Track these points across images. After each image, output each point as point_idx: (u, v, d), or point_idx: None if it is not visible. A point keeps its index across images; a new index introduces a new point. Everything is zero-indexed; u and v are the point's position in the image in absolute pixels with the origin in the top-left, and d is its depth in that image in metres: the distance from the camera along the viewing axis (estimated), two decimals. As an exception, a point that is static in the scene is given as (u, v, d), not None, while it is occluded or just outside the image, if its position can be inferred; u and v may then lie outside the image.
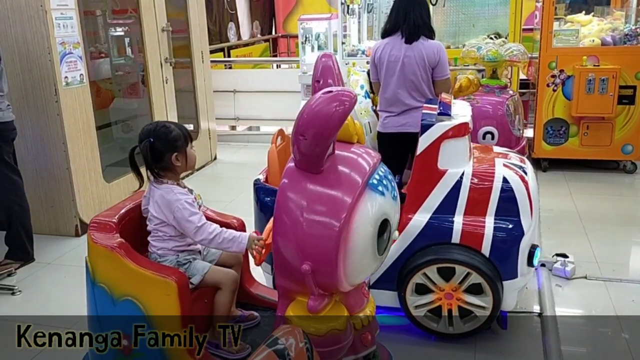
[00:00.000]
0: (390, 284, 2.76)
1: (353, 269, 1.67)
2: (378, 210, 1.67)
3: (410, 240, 2.68)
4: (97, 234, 2.05)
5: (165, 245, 2.14)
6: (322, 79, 1.92)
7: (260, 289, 2.41)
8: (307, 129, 1.56)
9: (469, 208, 2.65)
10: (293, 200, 1.66)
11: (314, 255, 1.63)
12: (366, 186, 1.66)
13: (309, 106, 1.57)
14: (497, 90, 4.68)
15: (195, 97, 6.07)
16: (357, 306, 1.87)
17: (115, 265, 1.97)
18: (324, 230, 1.61)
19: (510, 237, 2.61)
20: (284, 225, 1.67)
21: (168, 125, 2.13)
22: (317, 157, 1.62)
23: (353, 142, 1.83)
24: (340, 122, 1.55)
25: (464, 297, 2.66)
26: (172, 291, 1.89)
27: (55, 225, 4.30)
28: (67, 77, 4.06)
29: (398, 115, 3.53)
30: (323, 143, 1.58)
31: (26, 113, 4.09)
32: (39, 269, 3.80)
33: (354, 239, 1.62)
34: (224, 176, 6.01)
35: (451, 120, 2.66)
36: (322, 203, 1.63)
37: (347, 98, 1.55)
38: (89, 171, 4.33)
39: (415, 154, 2.76)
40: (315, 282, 1.66)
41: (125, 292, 1.96)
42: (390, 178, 1.78)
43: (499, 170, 2.70)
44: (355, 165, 1.72)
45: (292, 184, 1.68)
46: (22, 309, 3.29)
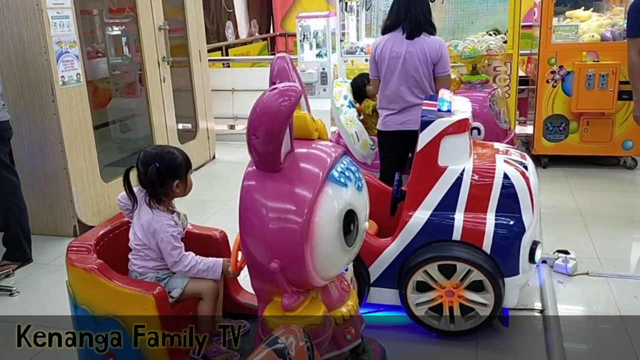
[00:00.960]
0: (391, 282, 2.74)
1: (322, 263, 1.67)
2: (342, 202, 1.66)
3: (411, 238, 2.66)
4: (75, 256, 2.08)
5: (146, 264, 2.17)
6: (279, 80, 1.91)
7: (247, 297, 2.42)
8: (258, 127, 1.57)
9: (469, 205, 2.63)
10: (256, 200, 1.66)
11: (282, 252, 1.63)
12: (327, 179, 1.66)
13: (257, 105, 1.58)
14: (479, 86, 4.66)
15: (193, 96, 6.04)
16: (337, 301, 1.86)
17: (94, 285, 1.99)
18: (288, 227, 1.61)
19: (512, 233, 2.59)
20: (250, 225, 1.67)
21: (173, 152, 2.15)
22: (272, 155, 1.62)
23: (313, 138, 1.83)
24: (287, 116, 1.56)
25: (465, 295, 2.64)
26: (150, 305, 1.91)
27: (54, 225, 4.27)
28: (64, 77, 4.03)
29: (399, 113, 3.50)
30: (274, 139, 1.58)
31: (23, 113, 4.06)
32: (37, 269, 3.77)
33: (318, 233, 1.62)
34: (223, 175, 5.98)
35: (451, 116, 2.64)
36: (283, 200, 1.64)
37: (293, 92, 1.56)
38: (87, 171, 4.31)
39: (414, 151, 2.74)
40: (286, 279, 1.66)
41: (106, 311, 1.99)
42: (354, 169, 1.78)
43: (499, 167, 2.68)
44: (314, 159, 1.71)
45: (254, 184, 1.68)
46: (21, 310, 3.26)
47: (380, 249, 2.72)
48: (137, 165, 2.13)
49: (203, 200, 5.04)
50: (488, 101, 4.31)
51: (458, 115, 2.65)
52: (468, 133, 2.70)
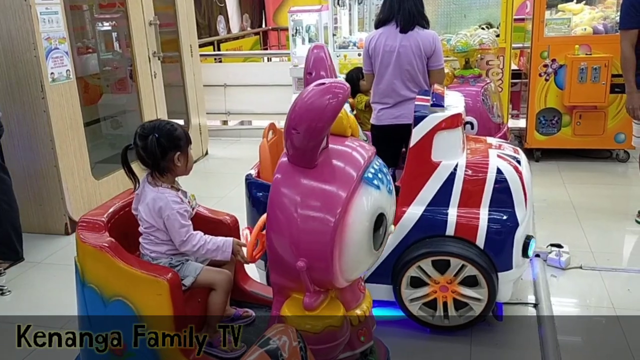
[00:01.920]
0: (384, 278, 2.74)
1: (349, 264, 1.64)
2: (374, 204, 1.63)
3: (405, 234, 2.65)
4: (86, 233, 2.00)
5: (158, 249, 2.10)
6: (314, 70, 1.88)
7: (255, 286, 2.37)
8: (300, 122, 1.52)
9: (463, 200, 2.62)
10: (287, 196, 1.62)
11: (309, 251, 1.59)
12: (361, 180, 1.62)
13: (301, 99, 1.53)
14: (472, 80, 4.65)
15: (185, 92, 6.01)
16: (353, 302, 1.83)
17: (105, 265, 1.92)
18: (319, 226, 1.57)
19: (505, 228, 2.59)
20: (277, 222, 1.63)
21: (172, 123, 2.08)
22: (311, 151, 1.58)
23: (347, 135, 1.78)
24: (334, 115, 1.51)
25: (459, 290, 2.64)
26: (164, 291, 1.85)
27: (45, 223, 4.24)
28: (54, 73, 3.99)
29: (392, 107, 3.49)
30: (316, 137, 1.54)
31: (12, 110, 4.01)
32: (28, 268, 3.74)
33: (349, 234, 1.59)
34: (216, 171, 5.96)
35: (444, 111, 2.62)
36: (316, 198, 1.59)
37: (341, 90, 1.50)
38: (78, 168, 4.27)
39: (407, 145, 2.73)
40: (310, 278, 1.63)
41: (115, 292, 1.91)
42: (386, 171, 1.74)
43: (492, 162, 2.68)
44: (349, 158, 1.67)
45: (285, 179, 1.64)
46: (13, 309, 3.23)
47: (374, 244, 2.71)
48: (135, 140, 2.04)
49: (197, 197, 5.00)
50: (481, 95, 4.31)
51: (451, 110, 2.64)
52: (461, 128, 2.69)
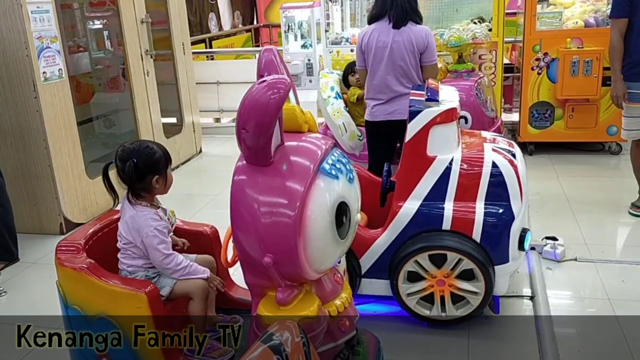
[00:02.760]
0: (382, 273, 2.75)
1: (315, 256, 1.66)
2: (333, 194, 1.66)
3: (401, 229, 2.66)
4: (64, 256, 2.05)
5: (134, 262, 2.13)
6: (266, 73, 1.90)
7: (240, 292, 2.40)
8: (248, 121, 1.55)
9: (459, 194, 2.63)
10: (248, 194, 1.65)
11: (274, 246, 1.62)
12: (318, 172, 1.65)
13: (245, 99, 1.56)
14: (465, 74, 4.66)
15: (178, 90, 5.98)
16: (330, 294, 1.85)
17: (84, 285, 1.97)
18: (281, 221, 1.60)
19: (501, 221, 2.60)
20: (242, 220, 1.66)
21: (151, 147, 2.10)
22: (263, 149, 1.61)
23: (303, 131, 1.81)
24: (277, 109, 1.54)
25: (456, 283, 2.65)
26: (143, 304, 1.89)
27: (39, 223, 4.22)
28: (46, 72, 3.96)
29: (386, 103, 3.50)
30: (265, 133, 1.57)
31: (5, 110, 3.99)
32: (24, 268, 3.72)
33: (311, 226, 1.62)
34: (210, 169, 5.95)
35: (439, 105, 2.63)
36: (275, 194, 1.62)
37: (282, 85, 1.54)
38: (72, 168, 4.25)
39: (403, 141, 2.74)
40: (280, 273, 1.65)
41: (98, 310, 1.96)
42: (345, 161, 1.77)
43: (488, 155, 2.69)
44: (305, 152, 1.70)
45: (244, 179, 1.67)
46: (10, 310, 3.22)
47: (370, 240, 2.72)
48: (115, 161, 2.09)
49: (191, 195, 5.01)
50: (474, 90, 4.32)
51: (446, 105, 2.64)
52: (456, 122, 2.70)
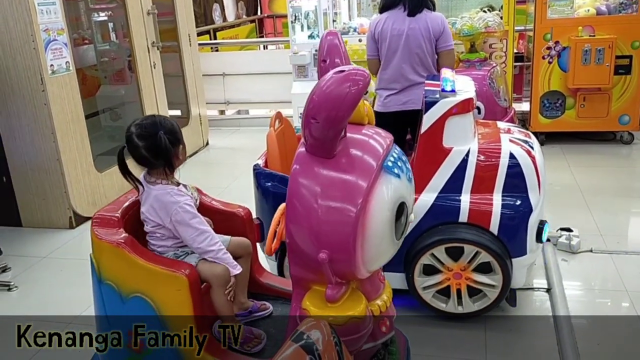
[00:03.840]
0: (397, 266, 2.71)
1: (371, 255, 1.60)
2: (395, 193, 1.59)
3: (417, 221, 2.62)
4: (101, 229, 1.96)
5: (164, 243, 2.05)
6: (329, 58, 1.83)
7: (270, 278, 2.34)
8: (319, 111, 1.47)
9: (475, 186, 2.59)
10: (306, 187, 1.58)
11: (331, 242, 1.56)
12: (381, 169, 1.59)
13: (320, 87, 1.48)
14: (478, 64, 4.60)
15: (185, 82, 5.94)
16: (374, 292, 1.80)
17: (121, 261, 1.89)
18: (340, 217, 1.53)
19: (519, 213, 2.56)
20: (297, 213, 1.60)
21: (165, 117, 2.01)
22: (330, 141, 1.54)
23: (364, 123, 1.74)
24: (354, 104, 1.47)
25: (473, 277, 2.62)
26: (183, 286, 1.82)
27: (49, 217, 4.20)
28: (53, 65, 3.92)
29: (400, 93, 3.45)
30: (336, 126, 1.49)
31: (12, 103, 3.96)
32: (34, 263, 3.71)
33: (371, 224, 1.55)
34: (218, 162, 5.91)
35: (455, 96, 2.59)
36: (336, 188, 1.56)
37: (361, 77, 1.46)
38: (80, 161, 4.22)
39: (418, 132, 2.69)
40: (332, 270, 1.59)
41: (133, 288, 1.88)
42: (405, 159, 1.71)
43: (505, 146, 2.64)
44: (368, 147, 1.64)
45: (303, 170, 1.60)
46: (20, 305, 3.21)
47: (385, 233, 2.68)
48: (133, 142, 1.95)
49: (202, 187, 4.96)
50: (487, 79, 4.27)
51: (462, 95, 2.60)
52: (472, 113, 2.65)
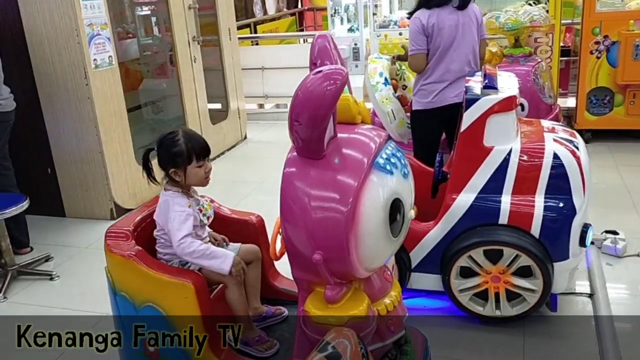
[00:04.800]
0: (433, 267, 2.66)
1: (367, 254, 1.60)
2: (387, 190, 1.58)
3: (455, 222, 2.57)
4: (113, 242, 2.04)
5: (169, 250, 2.10)
6: (319, 60, 1.82)
7: (285, 283, 2.36)
8: (301, 112, 1.48)
9: (517, 187, 2.52)
10: (298, 188, 1.59)
11: (325, 243, 1.56)
12: (372, 166, 1.58)
13: (299, 89, 1.49)
14: (522, 59, 4.46)
15: (224, 76, 5.98)
16: (380, 292, 1.79)
17: (132, 272, 1.96)
18: (332, 217, 1.54)
19: (562, 216, 2.48)
20: (292, 214, 1.60)
21: (177, 138, 2.03)
22: (316, 142, 1.54)
23: (356, 122, 1.74)
24: (333, 102, 1.47)
25: (512, 280, 2.55)
26: (190, 293, 1.88)
27: (91, 209, 4.30)
28: (96, 60, 4.00)
29: (452, 85, 3.39)
30: (319, 125, 1.50)
31: (57, 98, 4.06)
32: (75, 253, 3.80)
33: (364, 223, 1.55)
34: (255, 156, 5.94)
35: (497, 93, 2.51)
36: (326, 188, 1.56)
37: (338, 76, 1.46)
38: (122, 154, 4.30)
39: (457, 129, 2.63)
40: (329, 270, 1.59)
41: (145, 298, 1.95)
42: (400, 155, 1.69)
43: (549, 146, 2.55)
44: (359, 146, 1.63)
45: (295, 172, 1.61)
46: (62, 294, 3.29)
47: (421, 233, 2.64)
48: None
49: (236, 182, 5.02)
50: (532, 75, 4.13)
51: (505, 92, 2.52)
52: (515, 111, 2.57)
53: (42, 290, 3.36)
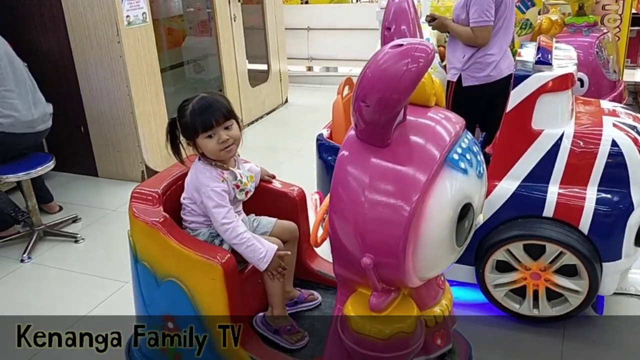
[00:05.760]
0: (466, 258, 2.39)
1: (425, 262, 1.36)
2: (459, 192, 1.33)
3: (494, 211, 2.32)
4: (140, 206, 1.86)
5: (195, 219, 1.92)
6: (394, 25, 1.56)
7: (322, 265, 2.15)
8: (370, 93, 1.23)
9: (566, 176, 2.24)
10: (353, 176, 1.35)
11: (377, 244, 1.33)
12: (445, 162, 1.33)
13: (372, 64, 1.23)
14: (585, 29, 4.01)
15: (266, 36, 5.76)
16: (429, 300, 1.57)
17: (157, 242, 1.78)
18: (390, 215, 1.30)
19: (616, 211, 2.20)
20: (342, 205, 1.38)
21: (185, 108, 1.83)
22: (383, 128, 1.30)
23: (430, 105, 1.47)
24: (412, 85, 1.22)
25: (553, 279, 2.30)
26: (218, 275, 1.68)
27: (122, 170, 4.24)
28: (129, 16, 3.85)
29: (503, 58, 3.13)
30: (390, 111, 1.25)
31: (90, 54, 3.95)
32: (103, 215, 3.75)
33: (427, 227, 1.31)
34: (294, 121, 5.74)
35: (552, 69, 2.21)
36: (388, 181, 1.32)
37: (423, 53, 1.19)
38: (154, 115, 4.19)
39: (504, 108, 2.35)
40: (378, 276, 1.38)
41: (168, 272, 1.78)
42: (476, 150, 1.42)
43: (607, 132, 2.25)
44: (431, 135, 1.37)
45: (352, 157, 1.37)
46: (86, 258, 3.25)
47: (456, 220, 2.40)
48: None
49: (273, 148, 4.86)
50: (595, 47, 3.72)
51: (560, 69, 2.22)
52: (571, 90, 2.27)
53: (67, 252, 3.32)
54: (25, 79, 3.28)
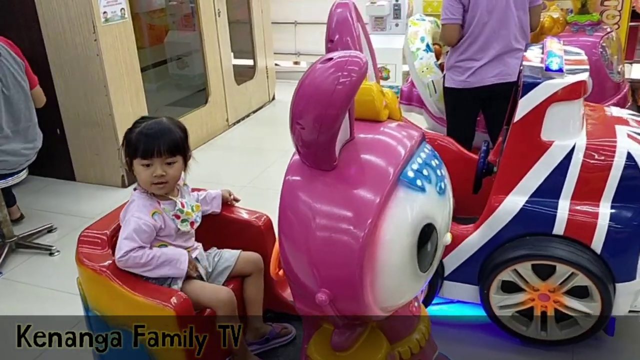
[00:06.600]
0: (469, 277, 2.28)
1: (386, 292, 1.24)
2: (418, 212, 1.21)
3: (500, 228, 2.16)
4: (86, 250, 1.71)
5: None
6: (337, 36, 1.43)
7: None
8: (304, 112, 1.13)
9: (578, 191, 2.08)
10: (302, 200, 1.23)
11: (332, 275, 1.20)
12: (398, 181, 1.20)
13: (303, 82, 1.13)
14: (589, 28, 3.86)
15: (252, 30, 5.54)
16: (403, 331, 1.44)
17: (105, 290, 1.65)
18: (343, 243, 1.17)
19: (631, 228, 2.06)
20: (292, 230, 1.25)
21: (139, 124, 1.73)
22: (324, 149, 1.18)
23: (381, 120, 1.35)
24: (347, 99, 1.11)
25: (563, 300, 2.15)
26: (170, 322, 1.54)
27: (101, 174, 4.04)
28: (107, 12, 3.63)
29: (490, 63, 2.93)
30: (328, 129, 1.14)
31: (65, 53, 3.74)
32: (81, 224, 3.47)
33: (384, 253, 1.19)
34: (283, 119, 5.41)
35: (563, 77, 2.05)
36: (337, 206, 1.19)
37: (355, 66, 1.11)
38: (135, 117, 3.84)
39: (512, 117, 2.19)
40: (337, 310, 1.23)
41: (119, 321, 1.64)
42: (436, 164, 1.30)
43: (622, 143, 2.09)
44: (383, 152, 1.26)
45: (298, 182, 1.26)
46: (59, 274, 3.04)
47: (459, 237, 2.23)
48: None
49: (260, 149, 4.67)
50: (599, 47, 3.56)
51: (572, 77, 2.05)
52: (582, 100, 2.10)
53: (40, 266, 3.12)
54: (20, 117, 3.05)
